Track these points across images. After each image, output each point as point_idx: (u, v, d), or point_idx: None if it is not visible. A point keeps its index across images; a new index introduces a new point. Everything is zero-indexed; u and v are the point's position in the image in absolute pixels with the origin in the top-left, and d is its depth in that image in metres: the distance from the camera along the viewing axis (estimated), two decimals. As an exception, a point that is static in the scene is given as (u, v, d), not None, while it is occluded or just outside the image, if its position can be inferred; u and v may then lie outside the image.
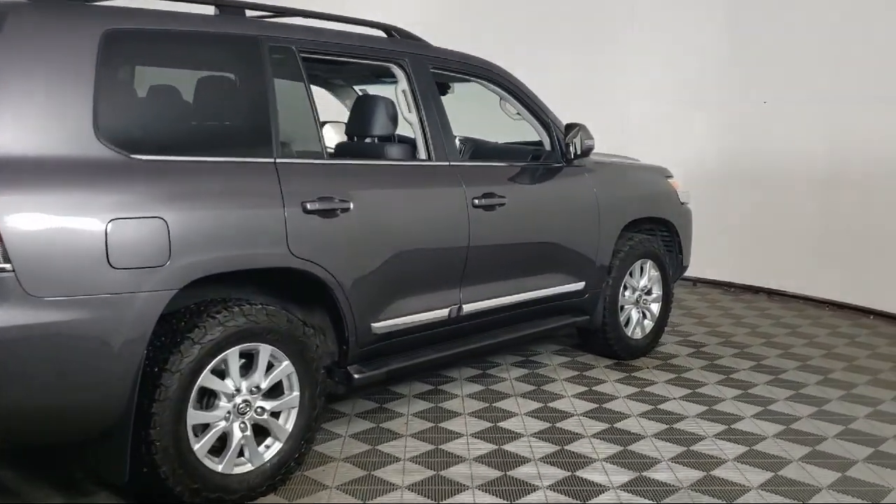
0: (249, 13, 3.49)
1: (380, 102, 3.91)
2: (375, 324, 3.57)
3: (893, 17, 6.20)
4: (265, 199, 3.15)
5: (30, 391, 2.62)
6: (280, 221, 3.15)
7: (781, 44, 6.91)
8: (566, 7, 7.87)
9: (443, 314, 3.89)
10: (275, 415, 3.27)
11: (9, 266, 2.51)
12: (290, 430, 3.29)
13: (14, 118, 2.66)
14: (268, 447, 3.25)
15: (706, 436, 3.90)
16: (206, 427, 3.05)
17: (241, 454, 3.17)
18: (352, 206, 3.38)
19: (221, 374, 3.08)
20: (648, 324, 5.26)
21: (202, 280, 2.98)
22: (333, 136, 5.05)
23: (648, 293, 5.24)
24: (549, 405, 4.29)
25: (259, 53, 3.31)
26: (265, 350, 3.17)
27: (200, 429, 3.04)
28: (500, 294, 4.20)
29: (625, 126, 7.81)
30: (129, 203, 2.77)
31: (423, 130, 3.91)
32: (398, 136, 4.78)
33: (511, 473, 3.47)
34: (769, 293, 7.24)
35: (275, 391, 3.27)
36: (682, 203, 5.49)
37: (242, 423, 3.14)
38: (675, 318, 6.16)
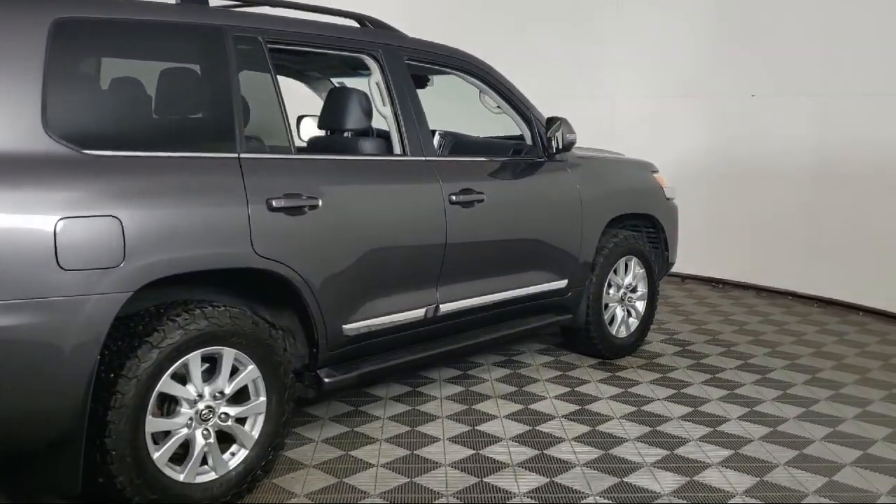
0: (214, 2, 3.35)
1: (353, 95, 3.77)
2: (347, 325, 3.44)
3: (883, 10, 6.09)
4: (227, 197, 3.00)
5: (-26, 399, 2.49)
6: (243, 219, 3.01)
7: (770, 36, 6.79)
8: (552, -1, 7.76)
9: (419, 315, 3.75)
10: (240, 421, 3.13)
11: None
12: (257, 437, 3.16)
13: (-45, 111, 2.51)
14: (233, 455, 3.12)
15: (690, 439, 3.79)
16: (167, 434, 2.92)
17: (205, 462, 3.03)
18: (320, 204, 3.25)
19: (183, 380, 2.95)
20: (633, 322, 5.14)
21: (164, 281, 2.84)
22: (313, 131, 4.90)
23: (633, 291, 5.12)
24: (530, 407, 4.17)
25: (223, 44, 3.17)
26: (229, 354, 3.04)
27: (162, 436, 2.91)
28: (479, 293, 4.08)
29: (611, 120, 7.69)
30: (80, 201, 2.63)
31: (398, 124, 3.77)
32: (376, 131, 4.65)
33: (488, 480, 3.34)
34: (757, 290, 7.13)
35: (240, 396, 3.14)
36: (668, 198, 5.36)
37: (205, 430, 3.01)
38: (662, 316, 6.05)
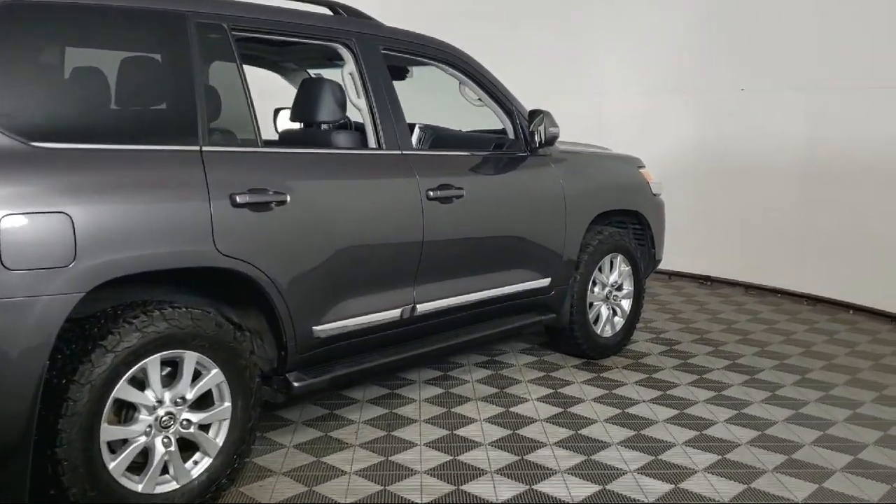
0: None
1: (326, 86, 3.61)
2: (317, 327, 3.28)
3: (874, 2, 5.96)
4: (188, 192, 2.85)
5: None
6: (205, 216, 2.86)
7: (760, 30, 6.66)
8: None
9: (394, 315, 3.61)
10: (204, 427, 2.99)
11: None
12: (221, 444, 3.02)
13: None
14: (196, 463, 2.98)
15: (676, 443, 3.66)
16: (125, 443, 2.77)
17: (165, 471, 2.89)
18: (289, 199, 3.09)
19: (141, 385, 2.80)
20: (619, 321, 5.01)
21: (124, 281, 2.70)
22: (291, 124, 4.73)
23: (619, 289, 4.98)
24: (511, 410, 4.03)
25: (185, 31, 3.01)
26: (191, 357, 2.89)
27: (119, 444, 2.77)
28: (459, 292, 3.93)
29: (599, 115, 7.56)
30: (27, 196, 2.47)
31: (373, 117, 3.62)
32: (354, 124, 4.50)
33: (465, 488, 3.20)
34: (746, 287, 7.01)
35: (204, 402, 3.00)
36: (655, 194, 5.23)
37: (166, 438, 2.86)
38: (648, 314, 5.93)
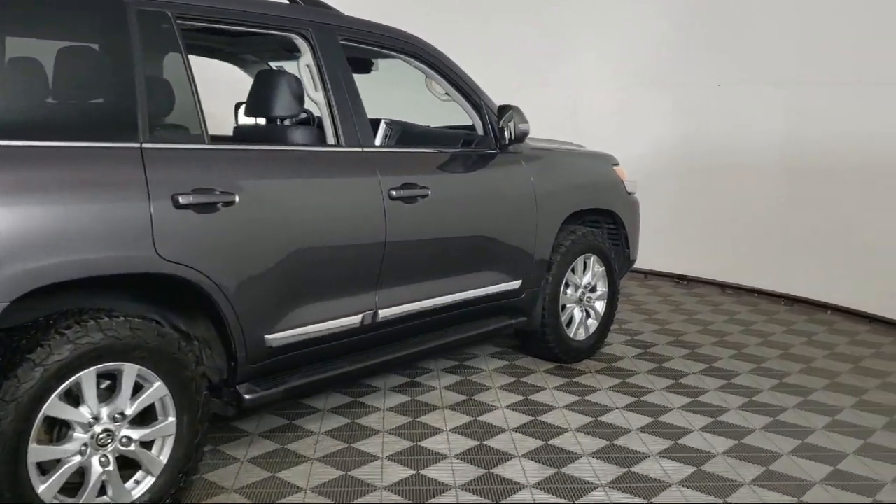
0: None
1: (281, 79, 3.41)
2: (270, 335, 3.09)
3: (852, -4, 5.86)
4: (126, 192, 2.64)
5: None
6: (144, 218, 2.65)
7: (739, 24, 6.53)
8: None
9: (354, 321, 3.42)
10: (147, 444, 2.79)
11: None
12: (166, 462, 2.82)
13: None
14: (138, 483, 2.79)
15: (649, 454, 3.50)
16: (59, 462, 2.57)
17: (103, 492, 2.69)
18: (237, 199, 2.89)
19: (77, 400, 2.60)
20: (592, 323, 4.85)
21: (63, 288, 2.50)
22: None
23: (592, 290, 4.83)
24: (480, 419, 3.86)
25: (124, 19, 2.79)
26: (131, 370, 2.69)
27: (53, 465, 2.56)
28: (424, 297, 3.75)
29: (574, 110, 7.39)
30: (-58, 197, 2.26)
31: (331, 111, 3.42)
32: (317, 119, 4.29)
33: (427, 505, 3.04)
34: (723, 286, 6.89)
35: (147, 417, 2.80)
36: (629, 193, 5.07)
37: (103, 457, 2.66)
38: (623, 315, 5.78)
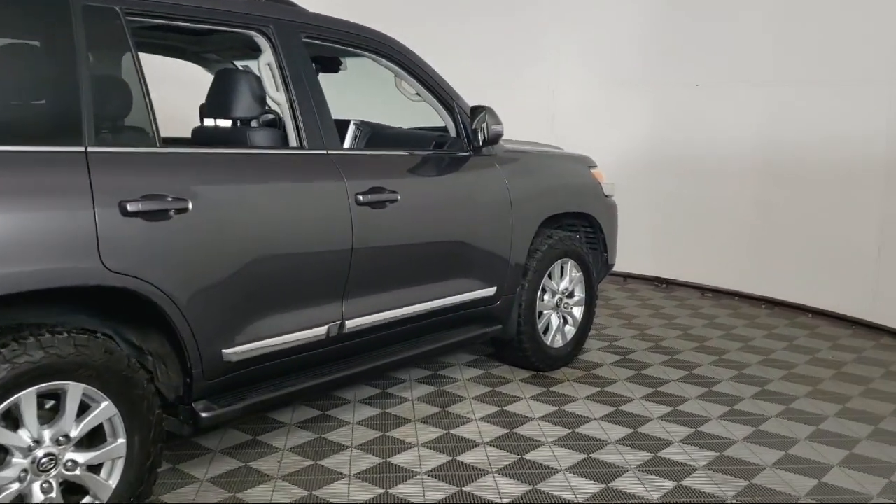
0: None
1: (240, 79, 3.25)
2: (228, 350, 2.92)
3: (831, -6, 5.77)
4: (69, 199, 2.46)
5: None
6: (89, 227, 2.48)
7: (717, 23, 6.43)
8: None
9: (319, 333, 3.26)
10: (95, 468, 2.62)
11: None
12: (115, 487, 2.66)
13: None
14: (85, 509, 2.61)
15: (628, 468, 3.37)
16: (-3, 490, 2.40)
17: (46, 521, 2.51)
18: (191, 206, 2.73)
19: (16, 423, 2.42)
20: (570, 330, 4.72)
21: (4, 302, 2.33)
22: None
23: (570, 296, 4.70)
24: (452, 432, 3.71)
25: (68, 15, 2.62)
26: (75, 390, 2.52)
27: (-11, 493, 2.39)
28: (394, 306, 3.59)
29: (551, 110, 7.27)
30: None
31: (293, 112, 3.26)
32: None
33: (395, 527, 2.88)
34: (702, 290, 6.79)
35: (96, 438, 2.62)
36: (607, 196, 4.95)
37: (46, 483, 2.49)
38: (601, 320, 5.66)
